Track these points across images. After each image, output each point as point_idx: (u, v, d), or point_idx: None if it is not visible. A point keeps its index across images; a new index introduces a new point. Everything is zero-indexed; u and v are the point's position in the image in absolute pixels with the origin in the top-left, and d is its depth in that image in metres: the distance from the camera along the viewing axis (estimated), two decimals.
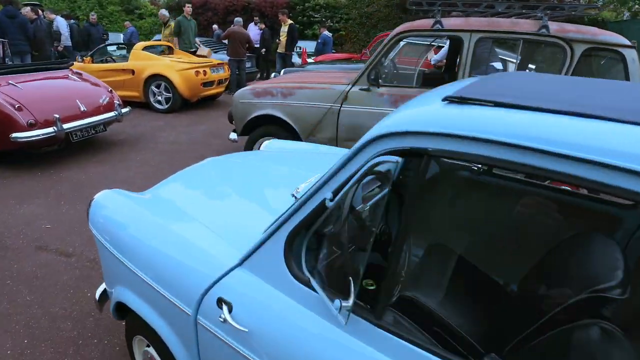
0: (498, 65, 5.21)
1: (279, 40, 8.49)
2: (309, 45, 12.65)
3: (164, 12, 8.45)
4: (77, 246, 2.80)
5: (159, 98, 6.75)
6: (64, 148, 4.45)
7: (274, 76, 6.56)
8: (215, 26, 13.82)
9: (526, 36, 3.16)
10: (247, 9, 15.78)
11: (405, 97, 3.40)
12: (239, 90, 3.85)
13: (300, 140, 3.76)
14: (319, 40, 9.63)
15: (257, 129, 3.87)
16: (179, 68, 6.57)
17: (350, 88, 3.50)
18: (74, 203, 3.42)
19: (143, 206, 1.54)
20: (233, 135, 4.03)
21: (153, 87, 6.71)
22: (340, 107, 3.53)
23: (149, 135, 5.41)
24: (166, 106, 6.75)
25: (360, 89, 3.48)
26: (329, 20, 15.20)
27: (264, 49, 10.22)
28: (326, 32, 9.80)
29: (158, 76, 6.60)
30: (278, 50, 8.25)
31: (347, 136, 3.59)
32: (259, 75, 10.51)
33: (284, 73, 6.24)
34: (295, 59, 11.85)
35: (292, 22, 8.73)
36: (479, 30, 3.21)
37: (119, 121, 4.76)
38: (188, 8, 8.10)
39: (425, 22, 3.37)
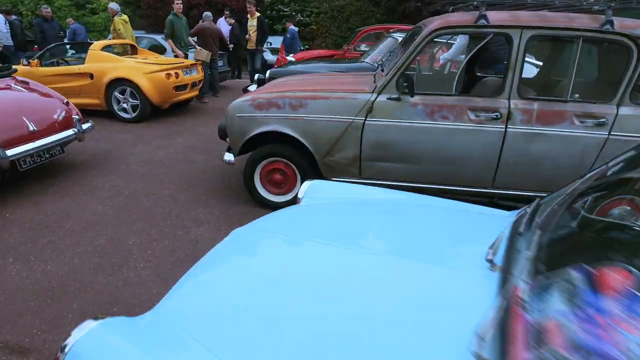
0: None
1: (249, 35, 7.58)
2: (276, 41, 11.80)
3: (113, 5, 7.21)
4: (36, 334, 1.98)
5: (125, 106, 5.77)
6: (9, 179, 3.50)
7: (258, 78, 5.76)
8: None
9: (587, 33, 2.61)
10: (211, 3, 14.65)
11: (443, 107, 2.78)
12: (236, 102, 3.08)
13: (315, 162, 3.06)
14: (288, 35, 8.79)
15: (260, 148, 3.12)
16: (147, 70, 5.62)
17: (376, 97, 2.84)
18: (27, 259, 2.55)
19: None
20: (229, 157, 3.25)
21: (117, 93, 5.72)
22: (365, 120, 2.86)
23: (117, 153, 4.49)
24: (133, 115, 5.79)
25: (389, 99, 2.82)
26: (299, 14, 14.39)
27: (231, 45, 9.33)
28: (293, 26, 8.99)
29: (122, 80, 5.62)
30: (247, 47, 7.39)
31: (373, 154, 2.92)
32: (230, 75, 9.60)
33: (270, 74, 5.47)
34: (269, 56, 10.99)
35: (260, 14, 7.86)
36: (531, 27, 2.63)
37: (80, 140, 3.84)
38: (178, 5, 6.88)
39: (466, 17, 2.74)
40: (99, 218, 3.05)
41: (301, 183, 3.15)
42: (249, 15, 7.38)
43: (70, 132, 3.70)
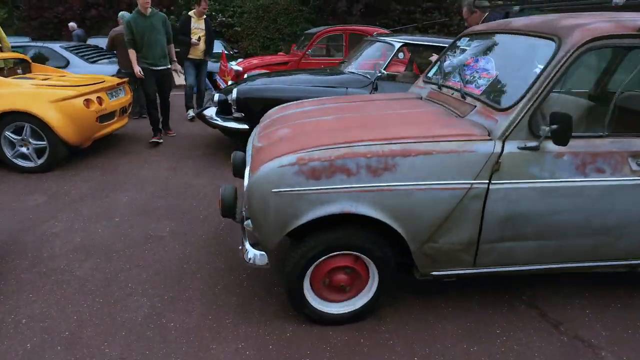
0: None
1: (198, 40, 5.80)
2: None
3: None
4: None
5: (24, 150, 3.90)
6: None
7: (218, 99, 4.31)
8: (72, 24, 10.23)
9: None
10: (112, 2, 12.22)
11: (597, 156, 1.82)
12: (268, 169, 1.74)
13: (405, 250, 1.90)
14: None
15: (314, 241, 1.84)
16: (56, 97, 3.83)
17: (503, 148, 1.76)
18: None
19: None
20: (255, 253, 1.90)
21: (8, 134, 3.83)
22: (489, 184, 1.77)
23: (27, 238, 2.78)
24: (39, 162, 3.94)
25: (522, 148, 1.77)
26: (220, 14, 12.68)
27: None
28: None
29: (15, 114, 3.76)
30: (190, 56, 5.71)
31: (499, 233, 1.86)
32: None
33: (238, 94, 4.07)
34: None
35: (205, 15, 6.14)
36: None
37: None
38: None
39: (618, 24, 1.79)
40: None
41: (379, 281, 1.97)
42: (193, 13, 5.60)
43: None
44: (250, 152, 2.13)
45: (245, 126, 4.10)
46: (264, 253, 1.88)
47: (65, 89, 3.97)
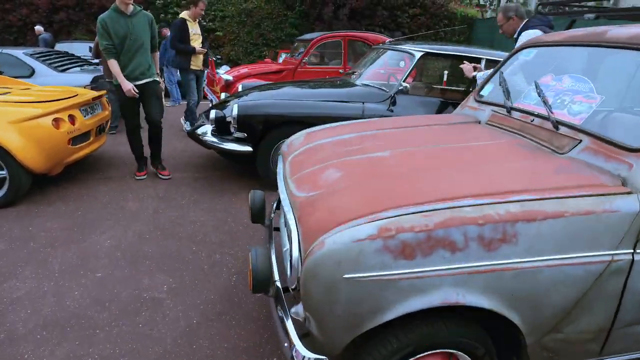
0: None
1: (200, 49, 4.89)
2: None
3: None
4: None
5: None
6: None
7: (216, 116, 3.71)
8: (39, 28, 9.33)
9: None
10: (83, 5, 11.30)
11: None
12: (335, 244, 1.20)
13: (515, 343, 1.39)
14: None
15: (394, 339, 1.30)
16: (18, 117, 3.13)
17: None
18: None
19: None
20: (310, 358, 1.34)
21: None
22: (634, 254, 1.29)
23: None
24: None
25: None
26: (200, 18, 11.94)
27: None
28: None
29: None
30: (193, 67, 4.98)
31: (638, 317, 1.38)
32: None
33: (240, 111, 3.48)
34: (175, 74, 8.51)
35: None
36: None
37: None
38: None
39: None
40: None
41: None
42: (187, 16, 4.87)
43: None
44: (290, 204, 1.57)
45: (249, 148, 3.52)
46: (324, 358, 1.32)
47: (29, 105, 3.28)
